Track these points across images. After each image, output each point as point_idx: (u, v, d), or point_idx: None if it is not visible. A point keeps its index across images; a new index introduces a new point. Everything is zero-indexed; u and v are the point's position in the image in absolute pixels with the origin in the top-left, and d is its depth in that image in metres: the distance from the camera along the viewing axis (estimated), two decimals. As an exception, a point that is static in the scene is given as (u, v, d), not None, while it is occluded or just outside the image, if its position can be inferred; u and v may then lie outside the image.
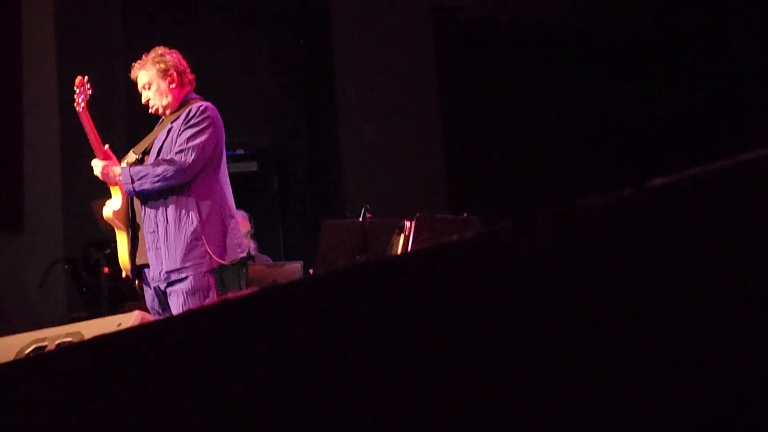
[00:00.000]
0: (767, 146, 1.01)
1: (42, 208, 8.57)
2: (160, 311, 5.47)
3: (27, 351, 4.63)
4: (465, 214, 7.39)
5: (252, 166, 10.44)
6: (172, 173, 5.36)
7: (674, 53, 10.04)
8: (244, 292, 5.60)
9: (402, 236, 6.14)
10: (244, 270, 7.94)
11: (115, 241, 5.67)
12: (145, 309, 5.72)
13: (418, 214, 6.65)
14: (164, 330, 1.60)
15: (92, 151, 5.53)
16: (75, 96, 5.49)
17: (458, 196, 9.76)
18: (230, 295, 6.22)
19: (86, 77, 5.53)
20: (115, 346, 1.59)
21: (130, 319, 4.11)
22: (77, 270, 7.89)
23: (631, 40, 10.28)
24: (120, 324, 4.09)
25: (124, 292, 6.95)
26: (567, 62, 10.29)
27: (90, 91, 5.50)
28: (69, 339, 4.12)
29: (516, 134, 10.27)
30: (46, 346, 4.56)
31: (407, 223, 6.25)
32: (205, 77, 5.71)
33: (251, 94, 10.19)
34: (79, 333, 4.16)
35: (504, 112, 10.31)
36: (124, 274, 5.63)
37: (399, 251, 6.10)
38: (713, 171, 1.07)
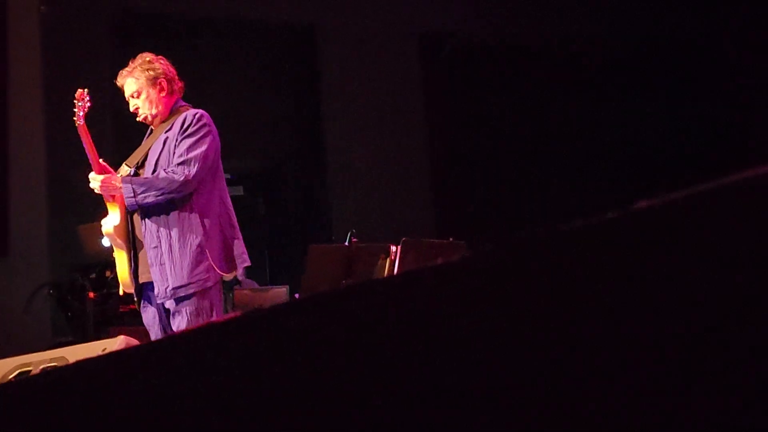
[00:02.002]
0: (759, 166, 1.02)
1: (27, 233, 8.54)
2: (161, 330, 5.30)
3: (11, 376, 4.59)
4: (451, 239, 7.40)
5: (238, 191, 10.40)
6: (176, 186, 5.20)
7: (664, 75, 10.07)
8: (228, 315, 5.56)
9: (388, 260, 6.14)
10: (230, 294, 7.93)
11: (102, 265, 5.59)
12: (130, 334, 5.67)
13: (404, 239, 6.64)
14: (149, 353, 1.59)
15: (77, 173, 5.45)
16: (75, 109, 5.35)
17: (444, 221, 9.77)
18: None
19: (86, 90, 5.40)
20: (99, 371, 1.58)
21: (115, 343, 4.09)
22: (62, 295, 7.86)
23: (619, 63, 10.31)
24: (105, 349, 4.06)
25: (110, 317, 6.92)
26: (554, 86, 10.31)
27: (89, 104, 5.38)
28: (53, 364, 4.10)
29: (503, 158, 10.28)
30: (30, 371, 4.53)
31: (393, 248, 6.24)
32: (190, 101, 5.67)
33: (237, 118, 10.17)
34: (64, 358, 4.13)
35: (491, 136, 10.33)
36: (122, 291, 5.45)
37: (386, 275, 6.09)
38: (695, 194, 1.08)
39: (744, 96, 9.63)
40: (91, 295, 7.23)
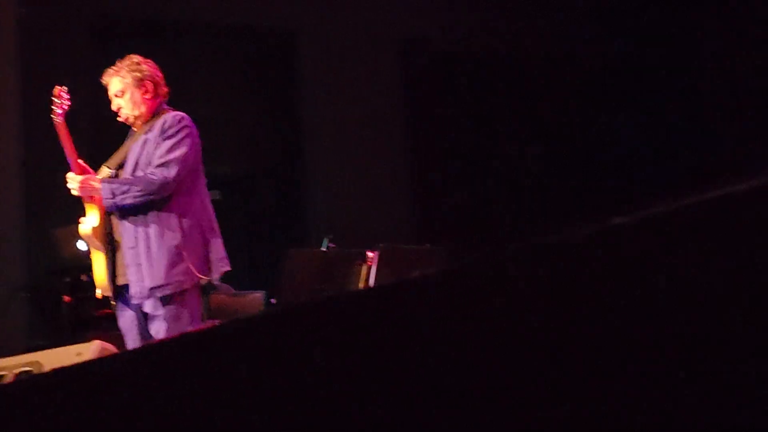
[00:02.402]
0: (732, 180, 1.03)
1: (3, 236, 8.48)
2: (137, 332, 5.30)
3: (-14, 380, 4.57)
4: (428, 245, 7.42)
5: (215, 195, 10.34)
6: (155, 187, 5.21)
7: (642, 83, 10.10)
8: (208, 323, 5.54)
9: (365, 267, 6.13)
10: (205, 299, 7.90)
11: (77, 269, 5.55)
12: (106, 338, 5.63)
13: (381, 245, 6.65)
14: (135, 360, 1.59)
15: (54, 175, 5.42)
16: (53, 106, 5.35)
17: (422, 227, 9.78)
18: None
19: (65, 88, 5.39)
20: (77, 378, 1.58)
21: (90, 348, 4.06)
22: (38, 298, 7.81)
23: (598, 71, 10.34)
24: (80, 354, 4.04)
25: (86, 321, 6.88)
26: (534, 92, 10.34)
27: (69, 103, 5.37)
28: (28, 369, 4.08)
29: (483, 164, 10.30)
30: (4, 376, 4.50)
31: (370, 254, 6.24)
32: (169, 104, 5.65)
33: (216, 122, 10.15)
34: (38, 363, 4.11)
35: (471, 142, 10.34)
36: (100, 294, 5.42)
37: (362, 282, 6.09)
38: (675, 210, 1.08)
39: (713, 106, 9.70)
40: (67, 299, 7.19)
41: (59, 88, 5.40)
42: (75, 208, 5.51)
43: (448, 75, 10.47)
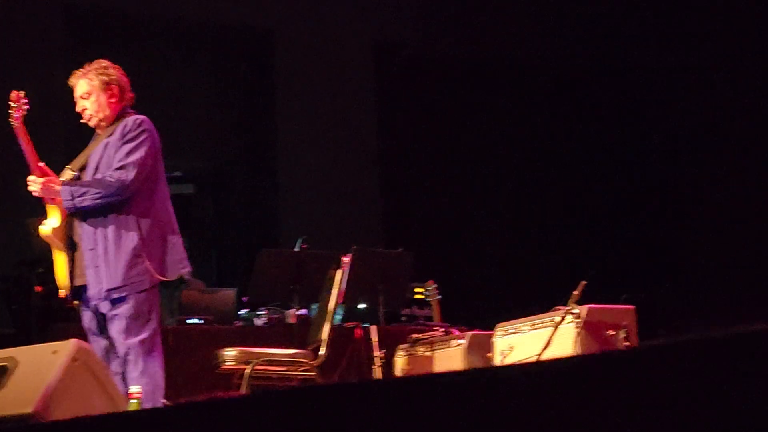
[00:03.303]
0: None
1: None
2: (98, 332, 5.37)
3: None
4: (400, 249, 7.46)
5: (188, 189, 10.35)
6: (114, 190, 5.27)
7: (619, 90, 10.13)
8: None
9: (340, 272, 6.17)
10: (176, 294, 7.92)
11: (48, 260, 5.57)
12: (76, 330, 5.66)
13: (354, 248, 6.68)
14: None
15: (24, 167, 5.44)
16: (10, 111, 5.38)
17: (393, 230, 9.81)
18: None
19: (23, 92, 5.43)
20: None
21: (67, 346, 4.07)
22: (7, 288, 7.79)
23: (573, 77, 10.39)
24: (56, 352, 4.04)
25: (56, 311, 6.88)
26: (508, 98, 10.38)
27: (26, 107, 5.40)
28: (3, 364, 4.08)
29: (454, 168, 10.34)
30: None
31: (345, 259, 6.28)
32: (144, 97, 5.66)
33: (191, 116, 10.16)
34: (14, 358, 4.11)
35: (442, 145, 10.38)
36: (63, 294, 5.48)
37: (335, 286, 6.12)
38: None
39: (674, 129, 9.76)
40: (38, 288, 7.19)
41: (16, 92, 5.44)
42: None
43: (420, 78, 10.50)
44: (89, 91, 5.48)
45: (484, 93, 10.44)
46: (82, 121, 5.56)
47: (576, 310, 5.27)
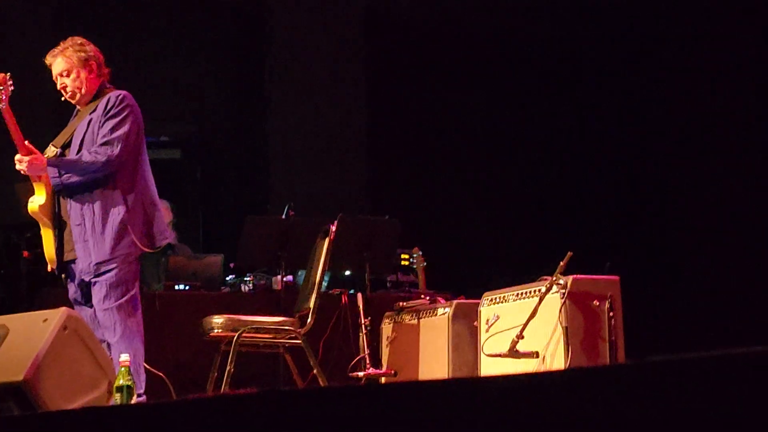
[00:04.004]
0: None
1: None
2: (83, 302, 5.51)
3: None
4: (387, 217, 7.49)
5: (175, 154, 10.35)
6: (100, 165, 5.40)
7: (606, 61, 10.07)
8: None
9: (327, 241, 6.20)
10: (163, 259, 7.95)
11: (37, 225, 5.66)
12: (64, 295, 5.71)
13: (340, 215, 6.71)
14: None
15: (11, 139, 5.48)
16: None
17: (380, 198, 9.82)
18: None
19: (8, 74, 5.48)
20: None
21: (56, 315, 4.11)
22: (-4, 252, 7.80)
23: (562, 47, 10.34)
24: (46, 320, 4.08)
25: (44, 277, 6.91)
26: (498, 68, 10.34)
27: (12, 88, 5.46)
28: (-5, 331, 4.12)
29: (441, 137, 10.33)
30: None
31: (332, 227, 6.31)
32: (133, 61, 5.71)
33: (178, 81, 10.14)
34: (5, 326, 4.15)
35: (430, 115, 10.37)
36: (50, 268, 5.65)
37: (324, 254, 6.15)
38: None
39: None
40: (26, 254, 7.22)
41: (2, 74, 5.48)
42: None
43: (411, 46, 10.48)
44: (68, 68, 5.61)
45: (474, 63, 10.41)
46: (63, 98, 5.68)
47: (561, 281, 5.32)
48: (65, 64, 5.59)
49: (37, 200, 5.53)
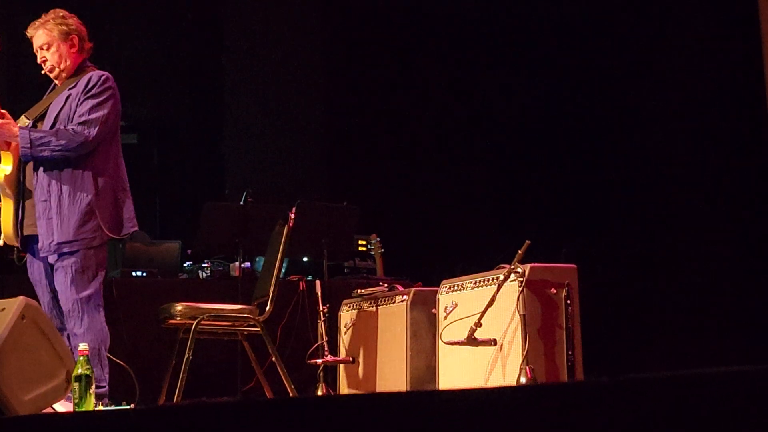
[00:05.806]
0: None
1: None
2: (46, 284, 5.42)
3: None
4: (345, 203, 7.49)
5: (132, 139, 10.28)
6: (75, 145, 5.27)
7: (581, 44, 10.01)
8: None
9: (286, 227, 6.18)
10: (120, 246, 7.90)
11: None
12: (22, 282, 5.65)
13: (299, 201, 6.70)
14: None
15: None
16: None
17: (338, 184, 9.81)
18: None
19: None
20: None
21: (14, 304, 4.07)
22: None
23: (529, 30, 10.30)
24: (4, 309, 4.05)
25: (9, 264, 6.85)
26: (458, 47, 10.30)
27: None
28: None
29: (400, 123, 10.32)
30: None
31: (291, 215, 6.30)
32: (102, 43, 5.66)
33: (135, 64, 10.06)
34: (-35, 315, 4.11)
35: (389, 99, 10.35)
36: (1, 242, 5.51)
37: (284, 241, 6.14)
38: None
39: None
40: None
41: None
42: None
43: (370, 30, 10.44)
44: (49, 42, 5.48)
45: (433, 47, 10.37)
46: (43, 72, 5.55)
47: (519, 269, 5.35)
48: (46, 38, 5.46)
49: (3, 169, 5.39)
